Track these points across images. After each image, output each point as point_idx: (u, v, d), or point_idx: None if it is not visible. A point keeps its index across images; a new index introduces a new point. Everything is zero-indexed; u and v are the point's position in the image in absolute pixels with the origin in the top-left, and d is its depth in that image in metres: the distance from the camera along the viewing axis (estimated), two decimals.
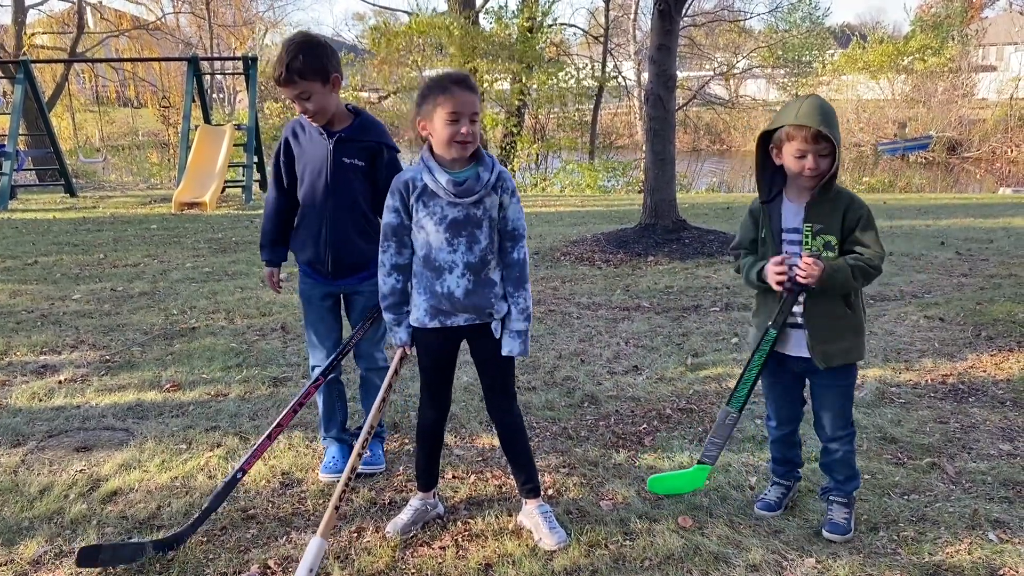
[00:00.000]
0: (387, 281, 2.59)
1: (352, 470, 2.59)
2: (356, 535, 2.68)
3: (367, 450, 3.15)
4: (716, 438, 2.75)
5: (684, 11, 9.81)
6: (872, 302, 5.66)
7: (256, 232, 9.25)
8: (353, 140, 2.88)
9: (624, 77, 24.93)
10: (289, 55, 2.71)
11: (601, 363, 4.49)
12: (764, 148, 2.60)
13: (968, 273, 6.66)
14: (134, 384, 4.17)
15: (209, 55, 25.11)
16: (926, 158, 26.18)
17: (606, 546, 2.60)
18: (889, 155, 25.44)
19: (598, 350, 4.73)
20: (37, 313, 5.59)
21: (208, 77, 16.67)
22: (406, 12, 21.21)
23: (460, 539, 2.66)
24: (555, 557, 2.53)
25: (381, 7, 27.87)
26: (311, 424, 3.58)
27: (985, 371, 4.25)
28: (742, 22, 28.45)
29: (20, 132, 12.56)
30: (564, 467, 3.19)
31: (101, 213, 11.09)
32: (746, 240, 2.70)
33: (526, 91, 20.05)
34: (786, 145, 2.49)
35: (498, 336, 2.58)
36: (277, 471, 3.16)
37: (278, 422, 2.87)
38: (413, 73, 19.61)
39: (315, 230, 2.94)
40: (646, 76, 9.93)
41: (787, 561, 2.52)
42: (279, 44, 3.29)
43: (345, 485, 2.56)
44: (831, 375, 2.61)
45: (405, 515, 2.73)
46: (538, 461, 2.97)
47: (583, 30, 28.51)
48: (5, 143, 12.01)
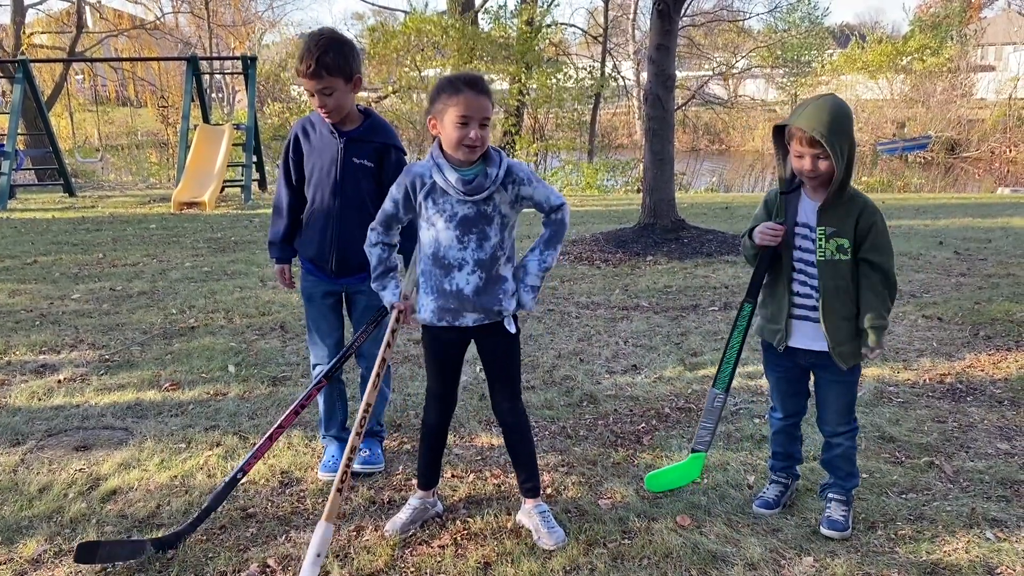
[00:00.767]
0: (373, 251, 2.62)
1: (353, 449, 2.58)
2: (355, 534, 2.69)
3: (366, 449, 3.17)
4: (707, 422, 2.77)
5: (683, 11, 9.81)
6: None
7: (255, 231, 9.26)
8: (363, 140, 2.90)
9: (623, 77, 24.94)
10: (319, 49, 2.71)
11: (600, 362, 4.50)
12: (781, 138, 2.62)
13: (966, 273, 6.67)
14: (133, 383, 4.17)
15: (208, 55, 25.07)
16: (925, 158, 26.18)
17: (605, 545, 2.60)
18: (888, 155, 25.43)
19: (597, 349, 4.73)
20: (36, 312, 5.59)
21: (207, 77, 16.66)
22: (405, 12, 21.18)
23: (459, 538, 2.66)
24: (554, 556, 2.54)
25: (380, 7, 27.92)
26: (310, 423, 3.59)
27: (983, 370, 4.26)
28: (741, 22, 28.48)
29: (19, 132, 12.56)
30: (563, 466, 3.20)
31: (100, 213, 11.09)
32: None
33: (525, 91, 20.05)
34: (791, 144, 2.52)
35: (513, 330, 2.57)
36: (276, 470, 3.16)
37: (279, 423, 2.87)
38: (412, 73, 19.61)
39: (322, 228, 2.95)
40: (645, 76, 9.93)
41: (785, 559, 2.52)
42: (301, 39, 3.28)
43: (346, 466, 2.56)
44: (838, 369, 2.63)
45: (404, 514, 2.73)
46: (537, 460, 2.97)
47: (582, 30, 28.53)
48: (4, 143, 12.00)
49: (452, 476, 3.11)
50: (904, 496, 2.93)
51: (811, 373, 2.76)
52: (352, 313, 3.13)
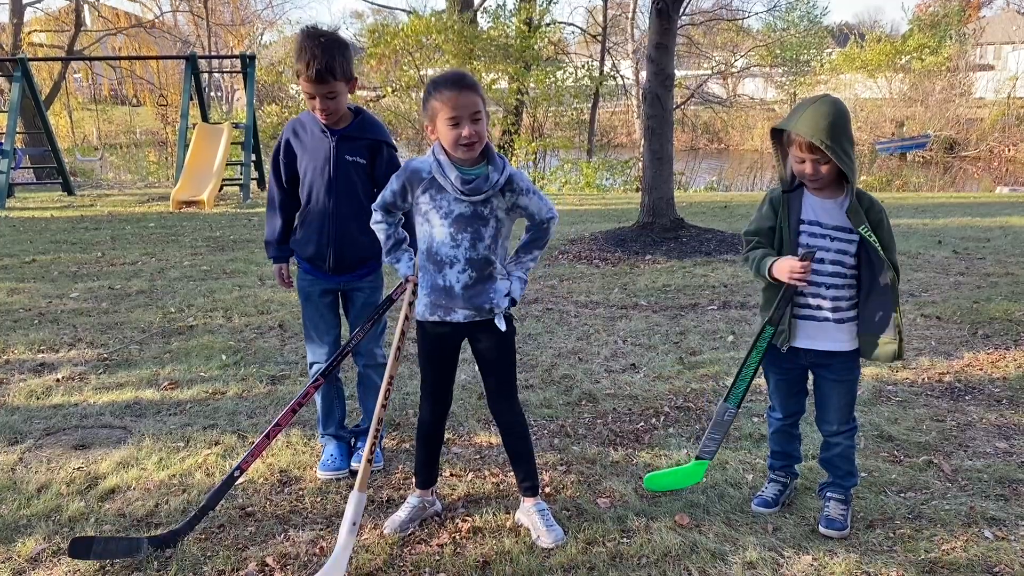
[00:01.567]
0: (379, 228, 2.64)
1: (380, 420, 2.63)
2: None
3: (364, 447, 3.17)
4: (714, 434, 2.75)
5: (682, 10, 9.81)
6: None
7: (254, 230, 9.25)
8: (355, 138, 2.90)
9: (622, 76, 24.92)
10: (327, 54, 2.70)
11: (599, 361, 4.50)
12: (780, 139, 2.61)
13: (965, 272, 6.67)
14: (132, 382, 4.17)
15: (207, 53, 25.07)
16: (924, 157, 26.21)
17: (603, 544, 2.60)
18: (887, 154, 25.46)
19: (596, 348, 4.73)
20: (35, 311, 5.59)
21: (206, 75, 16.65)
22: (404, 10, 21.17)
23: (458, 537, 2.66)
24: (552, 554, 2.54)
25: (380, 5, 27.89)
26: (309, 422, 3.58)
27: (982, 369, 4.26)
28: (740, 21, 28.48)
29: (18, 130, 12.54)
30: (561, 465, 3.20)
31: (99, 211, 11.07)
32: (764, 228, 2.64)
33: (524, 90, 20.04)
34: (790, 148, 2.52)
35: (504, 329, 2.57)
36: (275, 469, 3.16)
37: (276, 422, 2.87)
38: (411, 72, 19.58)
39: (318, 227, 2.95)
40: (644, 75, 9.93)
41: (784, 558, 2.52)
42: (294, 37, 3.27)
43: (375, 437, 2.61)
44: (842, 368, 2.63)
45: (403, 513, 2.73)
46: (536, 459, 2.97)
47: (581, 29, 28.51)
48: (3, 141, 11.98)
49: (451, 475, 3.11)
50: (903, 495, 2.93)
51: (809, 373, 2.76)
52: (349, 311, 3.13)
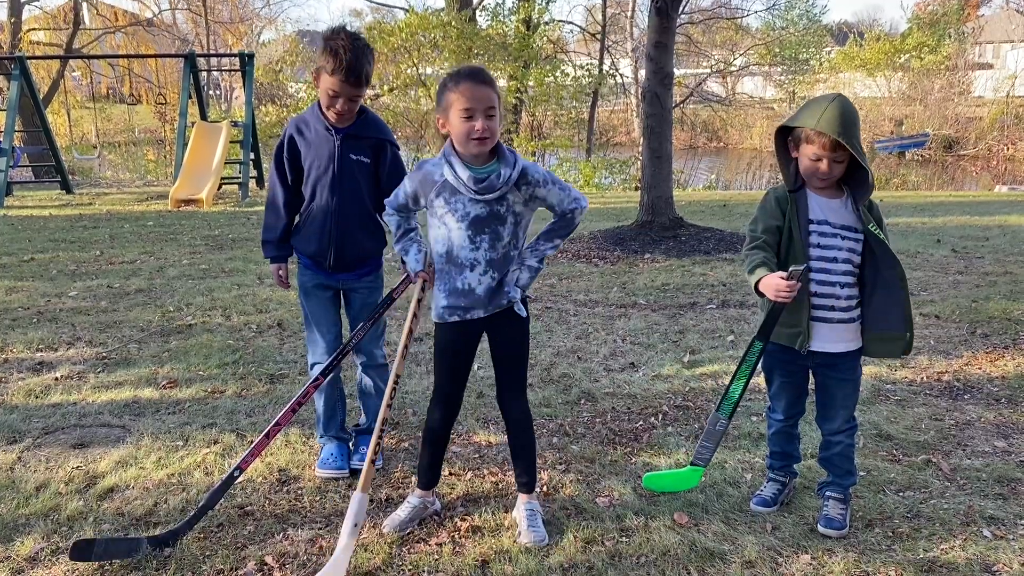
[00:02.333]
0: (391, 220, 2.65)
1: (384, 421, 2.63)
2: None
3: (365, 446, 3.17)
4: (707, 442, 2.70)
5: (681, 8, 9.80)
6: None
7: (253, 229, 9.23)
8: (359, 137, 2.90)
9: (621, 74, 24.91)
10: (364, 57, 2.72)
11: (598, 360, 4.50)
12: (783, 139, 2.60)
13: (964, 271, 6.68)
14: (131, 381, 4.17)
15: (206, 52, 25.04)
16: (922, 156, 26.22)
17: (602, 542, 2.61)
18: (885, 153, 25.47)
19: (595, 347, 4.73)
20: (33, 310, 5.58)
21: (204, 74, 16.63)
22: (403, 8, 21.14)
23: (457, 536, 2.66)
24: (551, 554, 2.54)
25: (379, 3, 27.85)
26: (308, 421, 3.58)
27: (980, 368, 4.26)
28: (739, 20, 28.48)
29: (16, 129, 12.51)
30: (560, 464, 3.20)
31: (97, 210, 11.06)
32: (772, 226, 2.57)
33: (523, 89, 20.03)
34: (804, 146, 2.50)
35: (524, 315, 2.56)
36: (274, 468, 3.16)
37: (276, 421, 2.86)
38: (410, 70, 19.56)
39: (320, 224, 2.95)
40: (643, 73, 9.93)
41: (783, 557, 2.52)
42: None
43: (379, 437, 2.60)
44: (847, 367, 2.64)
45: (403, 512, 2.73)
46: (536, 458, 2.97)
47: (580, 27, 28.51)
48: (1, 140, 11.97)
49: (450, 474, 3.11)
50: (901, 494, 2.93)
51: (811, 373, 2.76)
52: (349, 310, 3.13)
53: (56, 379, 4.19)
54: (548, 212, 2.59)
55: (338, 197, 2.91)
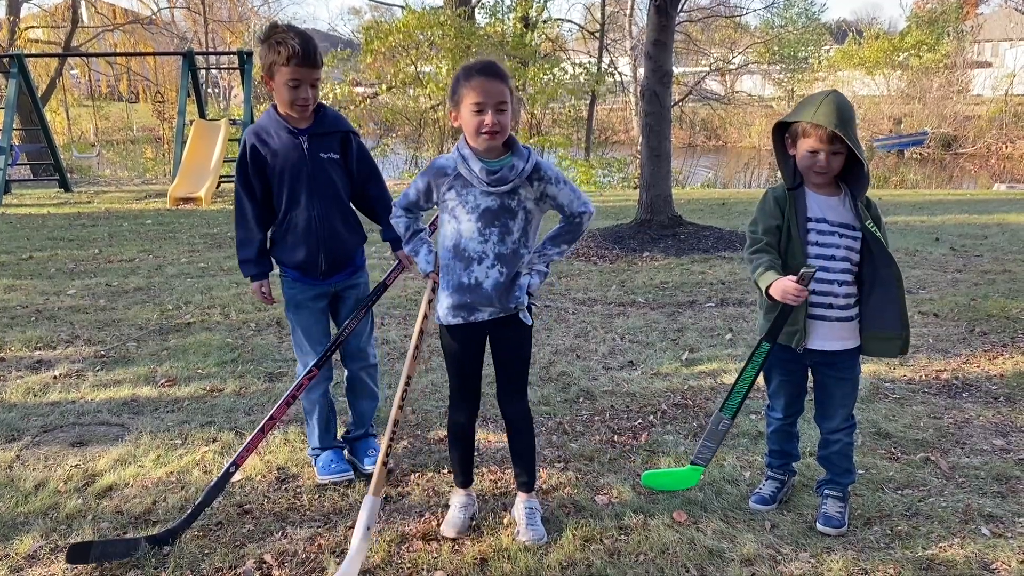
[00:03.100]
0: (399, 221, 2.65)
1: (396, 423, 2.65)
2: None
3: (364, 453, 3.16)
4: (709, 442, 2.70)
5: (680, 7, 9.79)
6: None
7: None
8: (325, 134, 2.85)
9: (620, 73, 24.90)
10: (309, 41, 2.68)
11: (596, 359, 4.50)
12: (781, 137, 2.60)
13: (962, 269, 6.68)
14: (129, 379, 4.16)
15: (204, 50, 25.01)
16: (921, 154, 26.24)
17: (601, 541, 2.61)
18: (884, 151, 25.49)
19: (593, 346, 4.73)
20: (32, 308, 5.58)
21: (203, 72, 16.62)
22: (401, 7, 21.10)
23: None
24: (550, 552, 2.54)
25: (377, 2, 27.81)
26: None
27: (979, 367, 4.27)
28: (738, 18, 28.47)
29: (14, 127, 12.49)
30: (559, 462, 3.20)
31: (96, 208, 11.05)
32: (771, 226, 2.57)
33: (521, 87, 20.01)
34: (801, 141, 2.51)
35: (529, 323, 2.56)
36: (273, 466, 3.16)
37: (271, 415, 2.87)
38: (409, 68, 19.55)
39: (304, 231, 2.86)
40: (642, 72, 9.92)
41: (781, 555, 2.53)
42: (263, 29, 3.19)
43: (390, 440, 2.61)
44: (845, 366, 2.64)
45: (460, 512, 2.70)
46: (536, 457, 2.97)
47: (579, 25, 28.47)
48: None
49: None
50: (900, 492, 2.93)
51: (810, 372, 2.76)
52: (341, 312, 3.07)
53: (55, 377, 4.19)
54: (555, 217, 2.60)
55: (319, 200, 2.84)
